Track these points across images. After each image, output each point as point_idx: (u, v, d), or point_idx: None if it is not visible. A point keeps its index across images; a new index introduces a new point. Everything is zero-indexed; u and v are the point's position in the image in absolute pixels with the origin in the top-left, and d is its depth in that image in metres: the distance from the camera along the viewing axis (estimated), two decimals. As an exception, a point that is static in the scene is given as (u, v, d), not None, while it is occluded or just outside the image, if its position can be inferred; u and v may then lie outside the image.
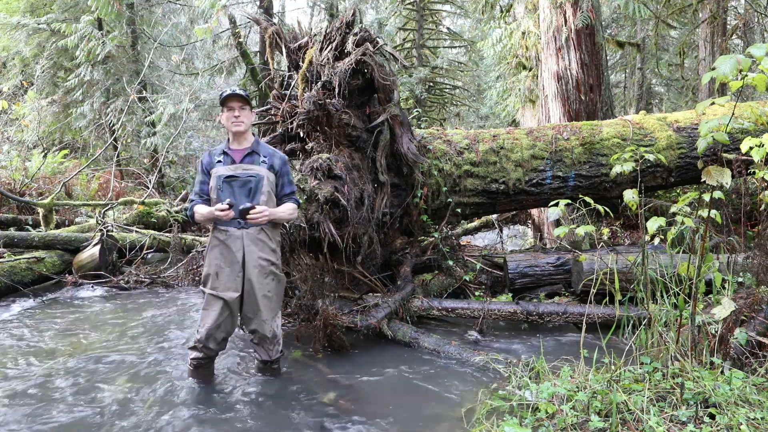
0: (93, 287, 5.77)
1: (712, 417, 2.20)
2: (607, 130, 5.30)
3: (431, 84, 15.54)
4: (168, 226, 7.64)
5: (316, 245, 4.04)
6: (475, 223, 8.54)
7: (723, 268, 3.61)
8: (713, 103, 2.33)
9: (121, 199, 8.34)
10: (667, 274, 3.05)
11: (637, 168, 3.17)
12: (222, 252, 3.05)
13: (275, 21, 8.38)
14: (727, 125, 2.25)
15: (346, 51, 4.27)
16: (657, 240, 2.78)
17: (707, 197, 2.51)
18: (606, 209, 2.90)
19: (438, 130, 5.51)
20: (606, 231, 3.09)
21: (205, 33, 6.89)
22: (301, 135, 4.61)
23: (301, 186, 3.84)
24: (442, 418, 2.74)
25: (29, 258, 5.84)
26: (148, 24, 13.29)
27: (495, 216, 8.02)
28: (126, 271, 6.16)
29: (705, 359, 2.69)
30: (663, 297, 3.03)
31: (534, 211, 7.58)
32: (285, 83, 4.76)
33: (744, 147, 2.52)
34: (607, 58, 8.57)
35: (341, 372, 3.35)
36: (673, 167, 5.27)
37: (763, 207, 3.38)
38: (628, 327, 3.01)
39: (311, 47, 4.46)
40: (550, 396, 2.51)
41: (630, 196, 2.74)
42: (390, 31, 14.63)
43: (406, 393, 3.07)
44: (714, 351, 2.75)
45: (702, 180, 2.38)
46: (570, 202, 2.84)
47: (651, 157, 3.20)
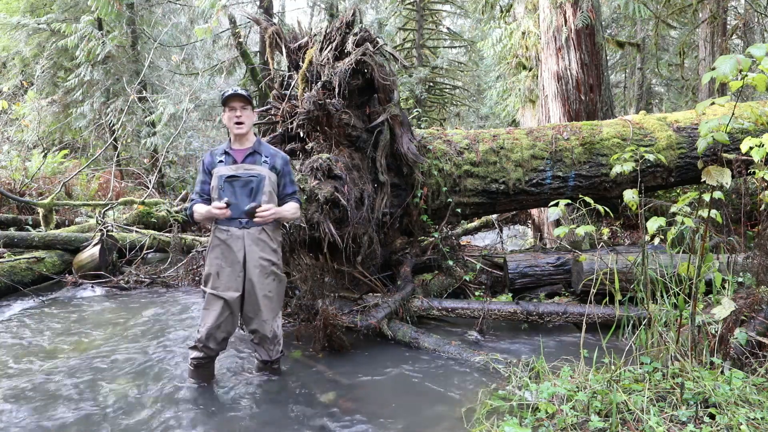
0: (93, 287, 5.78)
1: (712, 417, 2.21)
2: (607, 130, 5.30)
3: (431, 84, 15.55)
4: (168, 226, 7.64)
5: (316, 245, 4.04)
6: (475, 223, 8.54)
7: (723, 268, 3.61)
8: (713, 103, 2.33)
9: (121, 199, 8.34)
10: (667, 274, 3.05)
11: (637, 168, 3.17)
12: (223, 252, 3.05)
13: (275, 21, 8.38)
14: (727, 125, 2.25)
15: (346, 51, 4.27)
16: (657, 240, 2.78)
17: (707, 197, 2.51)
18: (606, 209, 2.90)
19: (438, 130, 5.51)
20: (606, 231, 3.09)
21: (205, 33, 6.89)
22: (301, 135, 4.61)
23: (301, 186, 3.84)
24: (442, 417, 2.74)
25: (29, 258, 5.84)
26: (148, 24, 13.29)
27: (495, 216, 8.02)
28: (126, 271, 6.16)
29: (705, 359, 2.69)
30: (663, 297, 3.03)
31: (534, 211, 7.58)
32: (285, 83, 4.76)
33: (744, 147, 2.52)
34: (607, 58, 8.57)
35: (341, 372, 3.35)
36: (673, 167, 5.27)
37: (763, 207, 3.38)
38: (628, 327, 3.00)
39: (311, 47, 4.46)
40: (550, 396, 2.52)
41: (630, 196, 2.74)
42: (390, 31, 14.64)
43: (406, 393, 3.07)
44: (714, 351, 2.75)
45: (702, 180, 2.39)
46: (570, 202, 2.84)
47: (651, 157, 3.20)
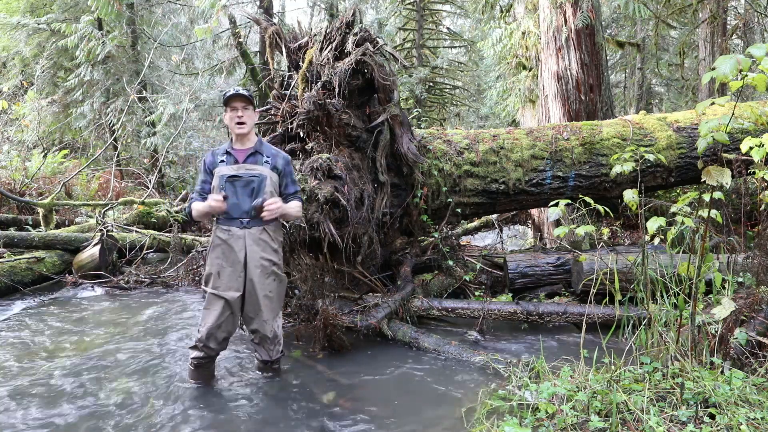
0: (93, 287, 5.78)
1: (712, 417, 2.21)
2: (607, 130, 5.30)
3: (431, 84, 15.55)
4: (168, 226, 7.64)
5: (316, 245, 4.04)
6: (475, 223, 8.54)
7: (723, 268, 3.61)
8: (713, 103, 2.33)
9: (121, 199, 8.34)
10: (667, 274, 3.05)
11: (637, 168, 3.17)
12: (224, 251, 3.05)
13: (275, 21, 8.38)
14: (727, 125, 2.25)
15: (346, 51, 4.27)
16: (657, 240, 2.78)
17: (707, 197, 2.51)
18: (606, 209, 2.90)
19: (438, 130, 5.51)
20: (606, 231, 3.09)
21: (205, 33, 6.90)
22: (301, 135, 4.61)
23: (301, 186, 3.85)
24: (442, 418, 2.74)
25: (29, 258, 5.85)
26: (148, 24, 13.29)
27: (495, 216, 8.02)
28: (126, 271, 6.16)
29: (705, 359, 2.69)
30: (663, 297, 3.03)
31: (534, 211, 7.58)
32: (285, 83, 4.76)
33: (744, 147, 2.52)
34: (607, 58, 8.57)
35: (341, 372, 3.35)
36: (673, 167, 5.27)
37: (763, 207, 3.38)
38: (628, 327, 3.00)
39: (311, 47, 4.46)
40: (550, 396, 2.52)
41: (630, 196, 2.74)
42: (390, 31, 14.63)
43: (406, 393, 3.07)
44: (714, 351, 2.75)
45: (702, 180, 2.38)
46: (570, 202, 2.84)
47: (651, 157, 3.20)
